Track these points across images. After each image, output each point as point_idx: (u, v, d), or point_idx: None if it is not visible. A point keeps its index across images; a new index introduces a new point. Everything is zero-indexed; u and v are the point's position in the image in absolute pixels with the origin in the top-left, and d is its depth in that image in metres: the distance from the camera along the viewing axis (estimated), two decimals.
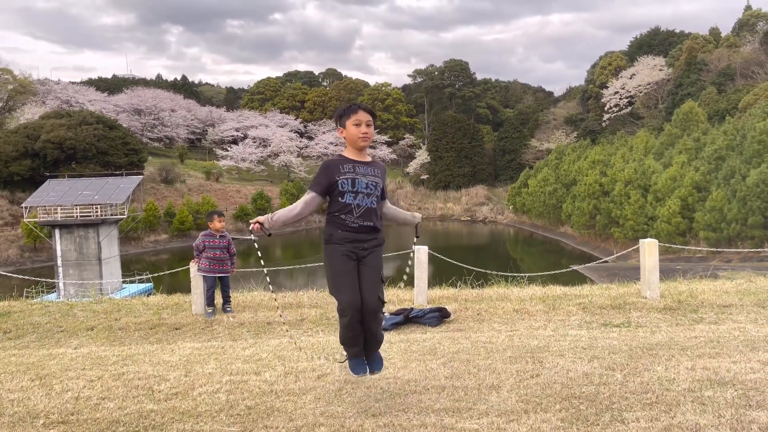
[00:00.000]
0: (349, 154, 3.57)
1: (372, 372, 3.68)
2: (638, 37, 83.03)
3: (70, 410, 3.72)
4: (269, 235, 3.48)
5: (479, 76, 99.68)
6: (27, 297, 10.50)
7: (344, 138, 3.58)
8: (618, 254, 20.97)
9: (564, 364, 4.32)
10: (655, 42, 78.42)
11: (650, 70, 67.85)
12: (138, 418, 3.52)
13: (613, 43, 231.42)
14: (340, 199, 3.46)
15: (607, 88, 71.65)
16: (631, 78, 69.11)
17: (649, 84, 66.99)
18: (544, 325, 5.89)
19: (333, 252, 3.47)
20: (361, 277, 3.46)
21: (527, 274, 8.46)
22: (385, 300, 3.74)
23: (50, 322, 6.70)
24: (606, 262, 33.91)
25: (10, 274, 9.40)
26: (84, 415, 3.61)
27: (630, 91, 68.62)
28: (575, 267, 30.27)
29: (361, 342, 3.58)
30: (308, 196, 3.50)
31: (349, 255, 3.45)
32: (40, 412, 3.71)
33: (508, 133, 77.73)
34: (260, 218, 3.48)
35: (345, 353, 3.71)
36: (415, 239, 4.11)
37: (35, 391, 4.15)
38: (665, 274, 8.22)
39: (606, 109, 70.80)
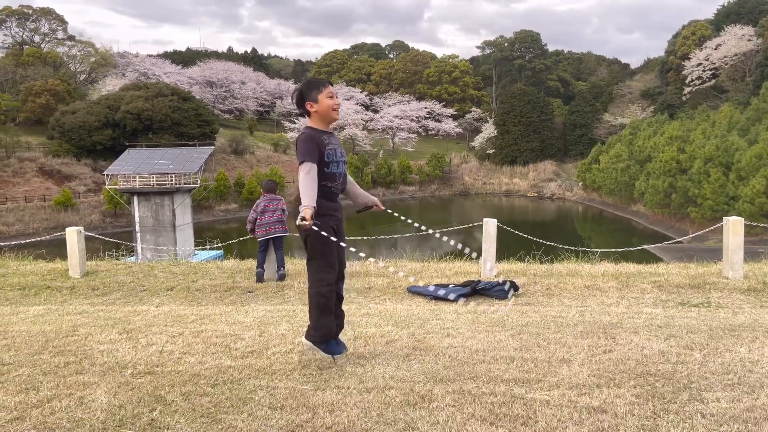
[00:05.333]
0: (320, 126, 3.65)
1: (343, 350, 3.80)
2: (725, 5, 77.83)
3: (155, 362, 3.95)
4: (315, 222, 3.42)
5: (551, 48, 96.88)
6: (110, 258, 11.20)
7: (315, 111, 3.61)
8: (694, 234, 20.05)
9: (638, 341, 4.20)
10: (744, 10, 73.27)
11: (738, 41, 63.51)
12: (217, 373, 3.70)
13: (698, 12, 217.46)
14: (326, 169, 3.58)
15: (689, 59, 67.73)
16: (716, 49, 65.00)
17: (735, 55, 62.83)
18: (617, 302, 5.74)
19: (324, 222, 3.54)
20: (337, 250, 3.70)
21: (598, 250, 8.23)
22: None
23: (134, 282, 7.10)
24: (680, 242, 32.52)
25: (96, 236, 10.00)
26: (168, 368, 3.83)
27: (714, 63, 64.63)
28: (646, 246, 29.17)
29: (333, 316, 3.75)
30: (309, 166, 3.46)
31: (334, 228, 3.64)
32: (128, 362, 3.96)
33: (579, 107, 75.06)
34: (307, 216, 3.31)
35: (318, 347, 3.74)
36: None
37: (123, 344, 4.43)
38: (748, 255, 7.80)
39: (687, 81, 67.07)
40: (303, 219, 3.34)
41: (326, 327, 3.70)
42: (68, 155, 51.47)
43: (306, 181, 3.48)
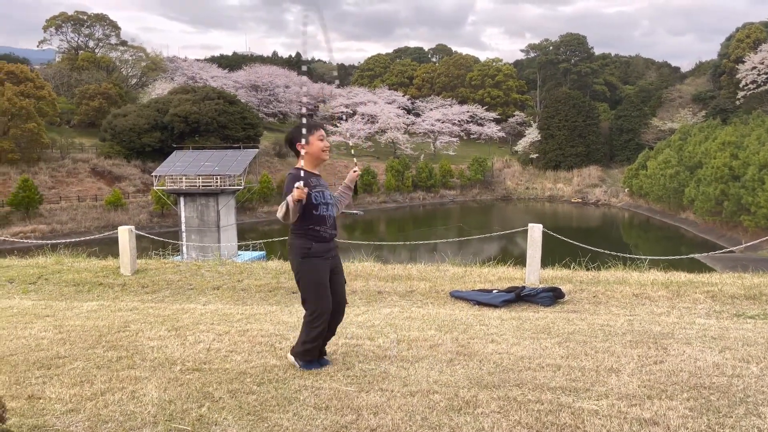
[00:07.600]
0: (309, 167, 3.79)
1: (323, 366, 3.87)
2: None
3: (203, 360, 4.04)
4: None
5: (597, 51, 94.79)
6: (158, 257, 11.51)
7: (305, 152, 3.76)
8: (747, 243, 19.29)
9: (691, 352, 4.07)
10: None
11: None
12: (263, 372, 3.75)
13: (752, 14, 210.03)
14: (314, 211, 3.73)
15: (743, 62, 65.30)
16: None
17: None
18: (668, 312, 5.57)
19: (314, 265, 3.69)
20: (333, 284, 3.79)
21: (646, 257, 7.99)
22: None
23: (181, 280, 7.27)
24: (732, 251, 31.37)
25: (146, 234, 10.29)
26: (215, 365, 3.90)
27: None
28: (696, 255, 28.21)
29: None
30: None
31: (327, 266, 3.74)
32: (177, 359, 4.06)
33: (626, 111, 73.28)
34: (295, 192, 3.55)
35: (298, 363, 3.83)
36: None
37: (171, 341, 4.54)
38: None
39: (741, 86, 64.68)
40: (294, 197, 3.53)
41: (310, 353, 3.80)
42: (119, 156, 53.10)
43: (287, 212, 3.63)
